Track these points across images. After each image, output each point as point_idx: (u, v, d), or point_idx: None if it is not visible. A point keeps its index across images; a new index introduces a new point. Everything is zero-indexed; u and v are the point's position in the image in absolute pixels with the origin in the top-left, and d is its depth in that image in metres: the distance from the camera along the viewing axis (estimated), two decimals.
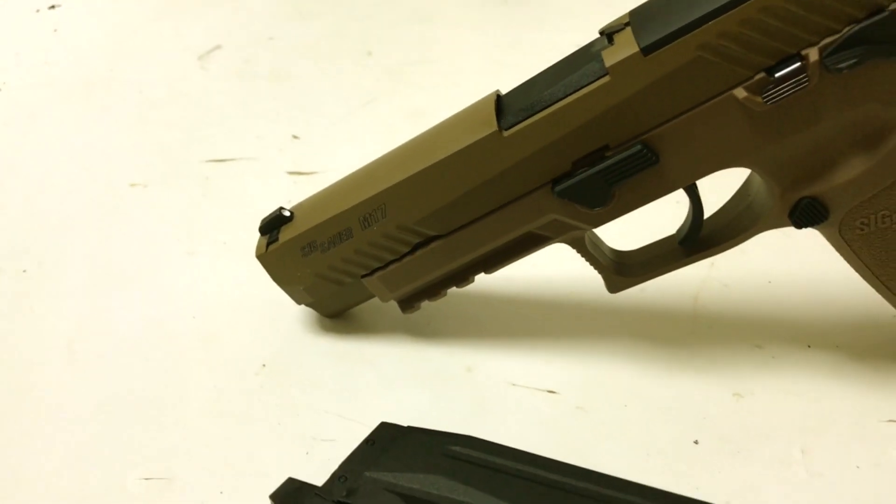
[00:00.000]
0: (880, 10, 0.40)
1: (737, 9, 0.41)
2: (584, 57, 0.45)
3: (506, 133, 0.46)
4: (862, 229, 0.46)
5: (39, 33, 0.87)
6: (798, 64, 0.42)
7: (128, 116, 0.77)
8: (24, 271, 0.61)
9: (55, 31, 0.87)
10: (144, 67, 0.83)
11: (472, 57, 0.84)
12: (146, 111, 0.77)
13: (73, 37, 0.87)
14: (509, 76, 0.53)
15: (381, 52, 0.85)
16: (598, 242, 0.52)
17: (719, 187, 0.51)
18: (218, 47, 0.85)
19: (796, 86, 0.42)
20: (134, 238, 0.64)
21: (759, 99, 0.42)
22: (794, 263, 0.58)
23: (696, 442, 0.49)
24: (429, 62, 0.84)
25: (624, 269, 0.52)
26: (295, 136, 0.74)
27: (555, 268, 0.57)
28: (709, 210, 0.51)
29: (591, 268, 0.53)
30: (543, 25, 0.88)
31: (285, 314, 0.57)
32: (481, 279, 0.54)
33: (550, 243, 0.51)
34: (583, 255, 0.51)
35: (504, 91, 0.49)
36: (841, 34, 0.41)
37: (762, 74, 0.42)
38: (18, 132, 0.75)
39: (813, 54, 0.41)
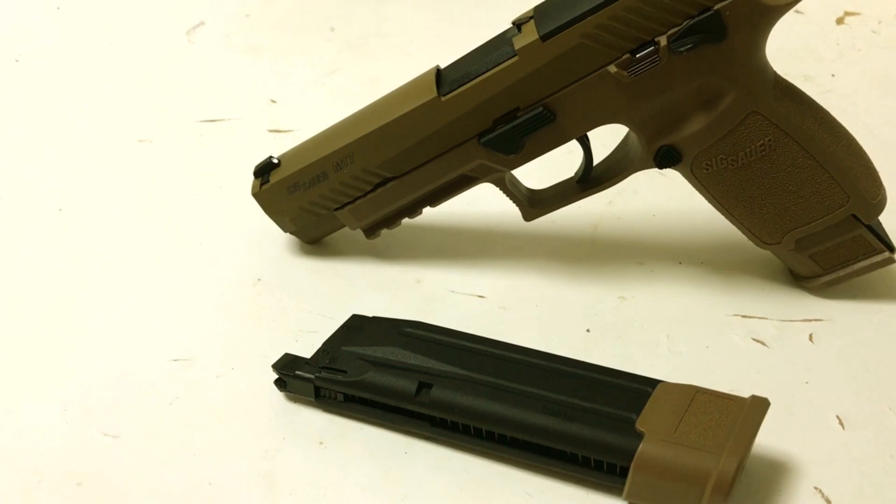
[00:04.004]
0: (708, 9, 0.52)
1: (608, 7, 0.52)
2: (500, 42, 0.57)
3: (443, 98, 0.57)
4: (707, 169, 0.57)
5: (44, 11, 0.94)
6: (652, 48, 0.53)
7: (129, 84, 0.85)
8: (60, 210, 0.70)
9: (58, 8, 0.94)
10: (139, 41, 0.91)
11: (421, 31, 0.94)
12: (144, 79, 0.86)
13: (74, 13, 0.94)
14: (451, 48, 0.64)
15: (342, 27, 0.94)
16: (515, 182, 0.62)
17: (606, 141, 0.63)
18: (202, 23, 0.94)
19: (651, 64, 0.54)
20: (146, 183, 0.73)
21: (625, 73, 0.54)
22: (674, 202, 0.69)
23: (588, 330, 0.60)
24: (384, 36, 0.93)
25: (535, 203, 0.62)
26: (273, 100, 0.83)
27: (483, 203, 0.67)
28: (598, 157, 0.61)
29: (511, 202, 0.62)
30: (483, 2, 0.97)
31: (274, 241, 0.66)
32: (428, 211, 0.63)
33: (479, 183, 0.61)
34: (504, 192, 0.61)
35: (443, 65, 0.60)
36: (681, 26, 0.52)
37: (627, 55, 0.54)
38: (38, 98, 0.83)
39: (663, 41, 0.53)
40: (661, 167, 0.59)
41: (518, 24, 0.57)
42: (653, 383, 0.51)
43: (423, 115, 0.58)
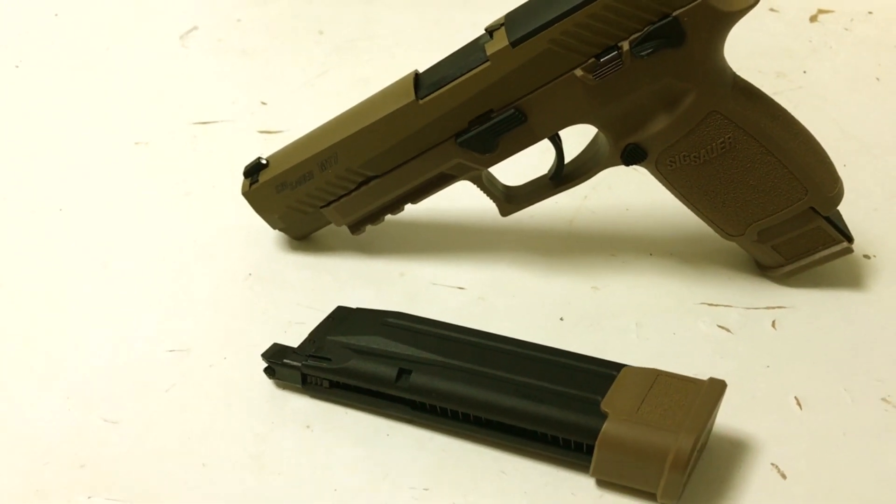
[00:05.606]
0: (667, 16, 0.55)
1: (573, 15, 0.55)
2: (474, 47, 0.60)
3: (421, 102, 0.59)
4: (671, 166, 0.60)
5: (42, 17, 0.97)
6: (615, 52, 0.56)
7: (126, 88, 0.88)
8: (61, 209, 0.73)
9: (56, 15, 0.97)
10: (134, 46, 0.94)
11: (408, 33, 0.96)
12: (140, 83, 0.89)
13: (72, 20, 0.97)
14: (437, 50, 0.66)
15: (331, 30, 0.97)
16: (492, 179, 0.65)
17: (580, 140, 0.65)
18: (195, 28, 0.96)
19: (615, 67, 0.56)
20: (143, 183, 0.76)
21: (591, 76, 0.57)
22: (646, 197, 0.71)
23: (561, 319, 0.62)
24: (371, 38, 0.96)
25: (511, 199, 0.64)
26: (263, 102, 0.86)
27: (463, 200, 0.69)
28: (569, 156, 0.64)
29: (488, 199, 0.64)
30: (466, 6, 1.00)
31: (264, 237, 0.69)
32: (410, 208, 0.66)
33: (457, 180, 0.63)
34: (481, 189, 0.63)
35: (421, 69, 0.62)
36: (642, 32, 0.55)
37: (592, 60, 0.56)
38: (38, 102, 0.86)
39: (625, 46, 0.56)
40: (627, 164, 0.62)
41: (490, 31, 0.60)
42: (618, 367, 0.54)
43: (402, 117, 0.61)
